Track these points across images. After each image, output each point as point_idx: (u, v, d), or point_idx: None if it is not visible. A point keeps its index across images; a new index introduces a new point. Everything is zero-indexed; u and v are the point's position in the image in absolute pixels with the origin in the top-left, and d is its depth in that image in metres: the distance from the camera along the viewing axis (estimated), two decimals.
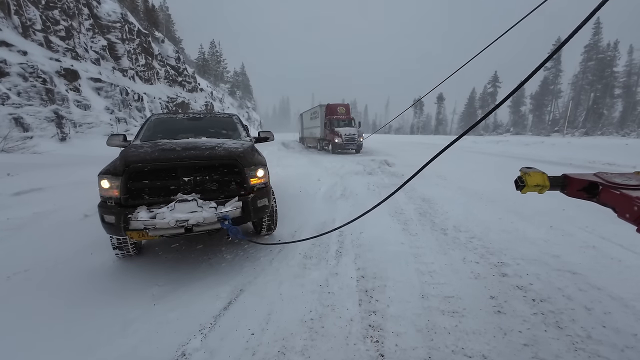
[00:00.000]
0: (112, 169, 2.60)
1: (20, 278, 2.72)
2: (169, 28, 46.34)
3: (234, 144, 3.19)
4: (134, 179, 2.56)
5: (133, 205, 2.53)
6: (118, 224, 2.42)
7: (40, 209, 4.52)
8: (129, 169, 2.52)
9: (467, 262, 2.91)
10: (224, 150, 2.90)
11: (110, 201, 2.55)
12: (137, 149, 2.94)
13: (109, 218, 2.47)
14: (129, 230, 2.41)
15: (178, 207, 2.44)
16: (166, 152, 2.72)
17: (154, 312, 2.24)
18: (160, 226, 2.38)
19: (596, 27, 48.95)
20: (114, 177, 2.53)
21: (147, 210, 2.45)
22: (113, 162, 2.75)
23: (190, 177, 2.67)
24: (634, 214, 1.12)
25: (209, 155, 2.75)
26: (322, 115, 17.99)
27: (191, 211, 2.45)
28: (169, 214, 2.41)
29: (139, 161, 2.57)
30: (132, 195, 2.57)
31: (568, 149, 15.50)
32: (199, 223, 2.46)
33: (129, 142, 3.72)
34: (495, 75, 65.86)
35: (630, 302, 2.20)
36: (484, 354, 1.75)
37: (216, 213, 2.51)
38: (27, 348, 1.88)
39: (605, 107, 47.17)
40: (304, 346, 1.84)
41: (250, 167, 2.87)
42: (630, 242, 3.22)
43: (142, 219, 2.37)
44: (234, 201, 2.68)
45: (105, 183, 2.54)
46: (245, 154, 2.98)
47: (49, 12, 15.54)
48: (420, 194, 5.78)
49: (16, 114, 11.12)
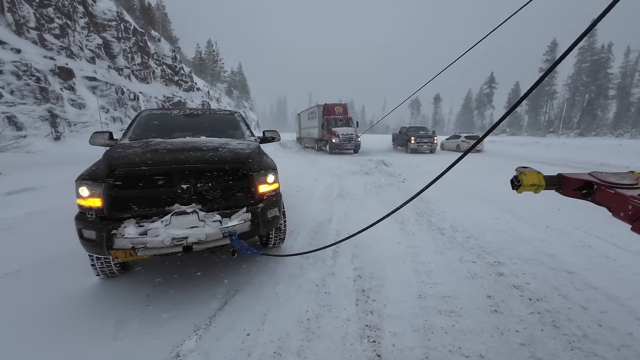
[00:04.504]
0: (93, 174, 2.17)
1: (11, 279, 2.67)
2: (166, 27, 46.06)
3: (239, 145, 2.83)
4: (120, 186, 2.13)
5: (119, 218, 2.11)
6: (100, 242, 2.02)
7: (33, 209, 4.46)
8: (113, 173, 2.11)
9: (463, 262, 2.91)
10: (229, 151, 2.52)
11: (90, 213, 2.13)
12: (125, 149, 2.51)
13: (88, 234, 2.08)
14: (114, 249, 2.03)
15: (175, 222, 2.07)
16: (160, 154, 2.32)
17: (148, 313, 2.20)
18: (153, 245, 2.02)
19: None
20: (95, 184, 2.11)
21: (136, 225, 2.07)
22: (95, 165, 2.34)
23: (190, 184, 2.25)
24: (628, 213, 1.12)
25: (212, 158, 2.35)
26: (319, 115, 17.97)
27: (191, 226, 2.09)
28: (164, 229, 2.04)
29: (127, 164, 2.17)
30: (118, 206, 2.14)
31: (564, 150, 15.66)
32: (200, 241, 2.10)
33: (116, 141, 3.25)
34: (491, 76, 66.39)
35: (626, 301, 2.21)
36: (481, 353, 1.74)
37: (221, 228, 2.16)
38: (17, 352, 1.84)
39: (599, 108, 47.71)
40: (300, 347, 1.82)
41: (259, 172, 2.51)
42: (625, 241, 3.24)
43: (130, 236, 2.00)
44: (241, 213, 2.32)
45: (84, 190, 2.12)
46: (254, 156, 2.62)
47: (43, 10, 15.37)
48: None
49: (9, 113, 10.98)
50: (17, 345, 1.88)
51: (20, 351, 1.84)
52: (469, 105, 74.33)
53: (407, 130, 18.39)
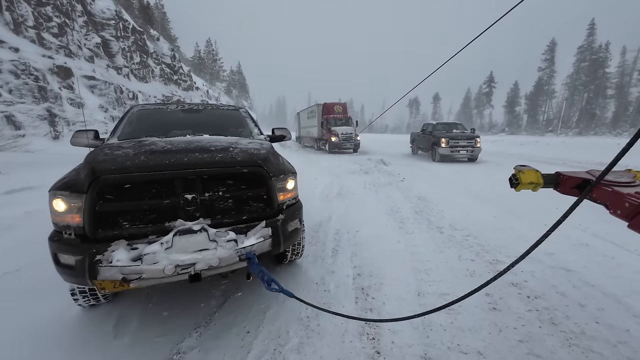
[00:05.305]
0: (72, 182, 1.74)
1: (11, 278, 2.68)
2: (164, 26, 45.93)
3: (250, 144, 2.41)
4: (106, 197, 1.69)
5: (105, 238, 1.67)
6: (81, 270, 1.58)
7: (32, 208, 4.45)
8: (98, 181, 1.65)
9: (462, 260, 2.92)
10: (242, 152, 2.10)
11: (68, 232, 1.68)
12: (113, 150, 2.04)
13: (66, 259, 1.63)
14: (98, 280, 1.59)
15: (178, 243, 1.64)
16: (157, 155, 1.89)
17: (149, 311, 2.21)
18: (150, 275, 1.58)
19: (590, 28, 49.57)
20: (73, 195, 1.65)
21: (128, 248, 1.64)
22: (74, 171, 1.92)
23: (195, 193, 1.82)
24: (625, 210, 1.13)
25: (223, 160, 1.94)
26: (319, 114, 17.97)
27: (199, 249, 1.68)
28: (164, 254, 1.61)
29: (115, 169, 1.73)
30: (104, 223, 1.69)
31: (562, 149, 15.70)
32: (211, 267, 1.69)
33: (102, 141, 2.81)
34: (490, 75, 66.44)
35: (623, 299, 2.22)
36: (480, 350, 1.75)
37: (237, 249, 1.74)
38: (17, 352, 1.85)
39: (598, 107, 47.84)
40: (299, 344, 1.83)
41: (278, 177, 2.11)
42: (623, 239, 3.26)
43: (120, 263, 1.55)
44: (259, 228, 1.91)
45: (59, 204, 1.67)
46: (270, 158, 2.23)
47: (41, 9, 15.31)
48: (417, 193, 5.80)
49: (8, 112, 10.94)
50: (17, 345, 1.89)
51: (20, 351, 1.84)
52: (468, 104, 74.41)
53: (434, 128, 12.75)
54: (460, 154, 11.25)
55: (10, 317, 2.15)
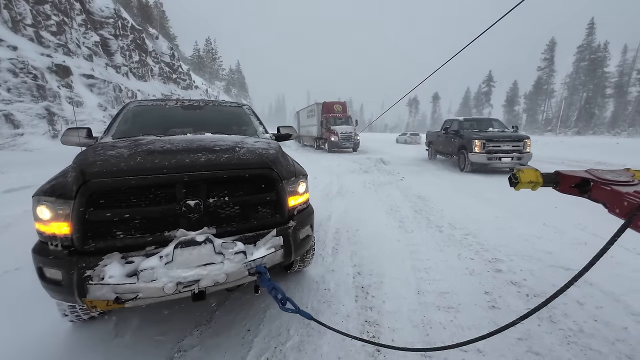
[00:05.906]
0: (58, 187, 1.54)
1: (11, 276, 2.68)
2: (164, 24, 45.79)
3: (257, 144, 2.23)
4: (97, 204, 1.50)
5: (96, 251, 1.48)
6: (69, 286, 1.40)
7: (31, 207, 4.45)
8: (87, 185, 1.47)
9: (462, 259, 2.93)
10: (249, 152, 1.93)
11: (54, 243, 1.49)
12: (106, 150, 1.86)
13: (52, 273, 1.45)
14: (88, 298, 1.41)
15: (179, 257, 1.46)
16: (156, 156, 1.72)
17: (150, 309, 2.22)
18: (148, 294, 1.39)
19: (590, 27, 49.61)
20: (59, 202, 1.47)
21: (122, 262, 1.47)
22: (62, 174, 1.71)
23: (199, 198, 1.63)
24: (623, 209, 1.14)
25: (230, 162, 1.76)
26: (318, 113, 17.97)
27: (204, 263, 1.49)
28: (164, 269, 1.42)
29: (107, 171, 1.54)
30: (95, 233, 1.51)
31: (561, 148, 15.73)
32: (217, 283, 1.49)
33: (95, 140, 2.62)
34: (489, 75, 66.49)
35: (621, 297, 2.24)
36: (479, 348, 1.76)
37: (246, 262, 1.55)
38: (17, 351, 1.85)
39: (597, 107, 47.93)
40: (300, 342, 1.84)
41: (289, 180, 1.94)
42: (622, 238, 3.26)
43: (113, 280, 1.36)
44: (270, 237, 1.74)
45: (43, 211, 1.49)
46: (280, 159, 2.05)
47: (39, 7, 15.24)
48: (416, 192, 5.81)
49: (6, 111, 10.91)
50: (20, 344, 1.89)
51: (22, 350, 1.85)
52: (467, 103, 74.48)
53: (460, 125, 9.34)
54: (503, 162, 7.87)
55: (12, 316, 2.15)
